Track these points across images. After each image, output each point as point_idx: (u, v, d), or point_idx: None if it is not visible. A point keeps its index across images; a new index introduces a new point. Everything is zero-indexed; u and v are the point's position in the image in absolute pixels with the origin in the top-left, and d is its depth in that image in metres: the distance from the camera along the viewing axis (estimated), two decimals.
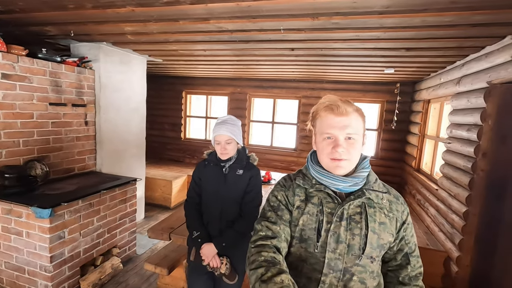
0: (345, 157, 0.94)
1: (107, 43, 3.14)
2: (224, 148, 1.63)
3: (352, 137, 0.94)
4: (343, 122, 0.94)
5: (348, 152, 0.94)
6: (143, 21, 2.18)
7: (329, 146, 0.95)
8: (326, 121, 0.97)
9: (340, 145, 0.93)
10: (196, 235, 1.65)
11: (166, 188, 4.63)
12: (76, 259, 2.45)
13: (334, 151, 0.93)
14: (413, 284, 1.01)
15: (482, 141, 2.27)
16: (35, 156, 2.66)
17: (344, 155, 0.94)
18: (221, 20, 2.04)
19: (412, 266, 1.02)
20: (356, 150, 0.96)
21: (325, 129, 0.96)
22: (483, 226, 2.29)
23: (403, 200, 1.04)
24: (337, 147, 0.93)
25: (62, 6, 1.99)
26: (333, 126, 0.94)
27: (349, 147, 0.94)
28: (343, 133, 0.94)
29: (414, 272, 1.02)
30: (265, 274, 0.85)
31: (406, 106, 4.60)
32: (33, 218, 2.20)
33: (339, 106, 0.94)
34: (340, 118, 0.94)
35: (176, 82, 5.98)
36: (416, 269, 1.02)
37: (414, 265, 1.02)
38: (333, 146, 0.94)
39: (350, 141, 0.94)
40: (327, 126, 0.96)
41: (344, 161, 0.94)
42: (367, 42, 2.40)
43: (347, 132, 0.93)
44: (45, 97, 2.70)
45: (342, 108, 0.94)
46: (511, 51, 1.93)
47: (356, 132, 0.95)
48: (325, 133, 0.96)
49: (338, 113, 0.94)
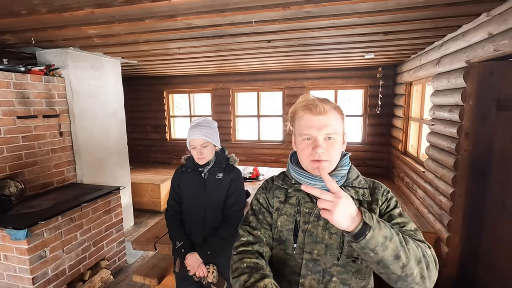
0: (325, 158, 0.90)
1: (74, 48, 2.97)
2: (200, 152, 1.55)
3: (332, 137, 0.91)
4: (322, 122, 0.90)
5: (328, 153, 0.90)
6: (105, 23, 2.04)
7: (309, 147, 0.91)
8: (304, 121, 0.93)
9: (319, 145, 0.89)
10: (179, 246, 1.58)
11: (154, 192, 4.53)
12: (61, 277, 2.36)
13: (314, 152, 0.90)
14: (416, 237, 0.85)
15: (464, 121, 2.26)
16: (7, 174, 2.52)
17: (324, 156, 0.90)
18: (189, 17, 1.93)
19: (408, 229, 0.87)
20: (336, 150, 0.92)
21: (304, 129, 0.92)
22: (470, 206, 2.31)
23: (385, 188, 0.97)
24: (317, 148, 0.89)
25: (14, 13, 1.84)
26: (312, 126, 0.91)
27: (328, 147, 0.91)
28: (322, 133, 0.90)
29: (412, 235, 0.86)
30: (248, 280, 0.85)
31: (389, 90, 4.60)
32: (10, 240, 2.09)
33: (317, 105, 0.90)
34: (318, 118, 0.90)
35: (156, 83, 5.79)
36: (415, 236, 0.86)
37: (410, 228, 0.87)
38: (312, 147, 0.91)
39: (329, 141, 0.91)
40: (305, 127, 0.92)
41: (325, 162, 0.91)
42: (344, 29, 2.34)
43: (326, 132, 0.90)
44: (12, 111, 2.54)
45: (320, 107, 0.90)
46: (487, 29, 1.90)
47: (335, 131, 0.91)
48: (304, 134, 0.92)
49: (316, 112, 0.90)
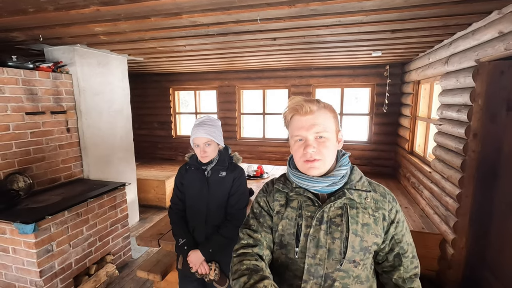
0: (317, 157, 0.90)
1: (82, 45, 3.00)
2: (203, 151, 1.55)
3: (322, 136, 0.90)
4: (310, 121, 0.90)
5: (319, 152, 0.90)
6: (111, 21, 2.05)
7: (301, 148, 0.92)
8: (294, 123, 0.94)
9: (310, 145, 0.90)
10: (181, 243, 1.59)
11: (159, 188, 4.57)
12: (67, 271, 2.41)
13: (306, 152, 0.90)
14: (407, 286, 0.96)
15: (473, 121, 2.21)
16: (16, 169, 2.57)
17: (316, 155, 0.90)
18: (194, 14, 1.93)
19: (405, 267, 0.96)
20: (329, 149, 0.91)
21: (294, 131, 0.93)
22: (477, 208, 2.27)
23: (392, 197, 0.98)
24: (307, 148, 0.90)
25: (22, 10, 1.87)
26: (301, 127, 0.91)
27: (320, 146, 0.90)
28: (311, 132, 0.90)
29: (408, 273, 0.97)
30: (247, 282, 0.84)
31: (397, 88, 4.53)
32: (18, 234, 2.13)
33: (302, 106, 0.90)
34: (306, 118, 0.91)
35: (162, 79, 5.82)
36: (410, 270, 0.97)
37: (408, 266, 0.97)
38: (304, 148, 0.91)
39: (320, 140, 0.91)
40: (295, 128, 0.93)
41: (317, 161, 0.90)
42: (350, 26, 2.31)
43: (315, 131, 0.90)
44: (20, 107, 2.58)
45: (306, 107, 0.90)
46: (498, 27, 1.85)
47: (325, 130, 0.90)
48: (295, 135, 0.93)
49: (303, 113, 0.91)
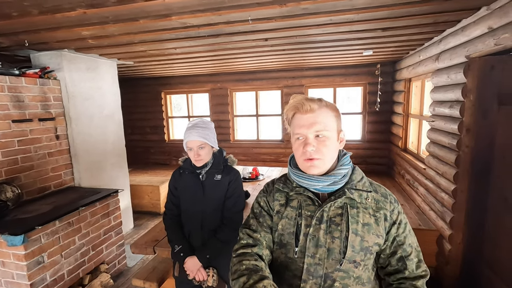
0: (317, 156, 0.89)
1: (69, 50, 2.93)
2: (197, 154, 1.52)
3: (322, 134, 0.89)
4: (310, 120, 0.89)
5: (319, 151, 0.89)
6: (99, 24, 2.01)
7: (301, 147, 0.91)
8: (294, 121, 0.93)
9: (309, 143, 0.89)
10: (177, 249, 1.55)
11: (153, 194, 4.50)
12: (60, 282, 2.33)
13: (305, 150, 0.89)
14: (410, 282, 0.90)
15: (465, 117, 2.23)
16: (3, 179, 2.48)
17: (316, 154, 0.89)
18: (183, 16, 1.90)
19: (410, 271, 0.91)
20: (329, 148, 0.90)
21: (295, 129, 0.92)
22: (472, 202, 2.28)
23: (394, 198, 0.96)
24: (307, 146, 0.89)
25: (6, 15, 1.80)
26: (301, 125, 0.90)
27: (319, 145, 0.89)
28: (311, 131, 0.89)
29: (412, 276, 0.91)
30: (247, 282, 0.85)
31: (389, 86, 4.56)
32: (6, 246, 2.05)
33: (303, 104, 0.90)
34: (306, 116, 0.90)
35: (153, 83, 5.75)
36: (415, 274, 0.92)
37: (413, 270, 0.91)
38: (303, 146, 0.90)
39: (320, 138, 0.89)
40: (296, 126, 0.92)
41: (317, 160, 0.89)
42: (341, 25, 2.30)
43: (315, 130, 0.89)
44: (7, 115, 2.50)
45: (306, 105, 0.89)
46: (488, 23, 1.87)
47: (325, 128, 0.89)
48: (296, 133, 0.92)
49: (303, 111, 0.90)
